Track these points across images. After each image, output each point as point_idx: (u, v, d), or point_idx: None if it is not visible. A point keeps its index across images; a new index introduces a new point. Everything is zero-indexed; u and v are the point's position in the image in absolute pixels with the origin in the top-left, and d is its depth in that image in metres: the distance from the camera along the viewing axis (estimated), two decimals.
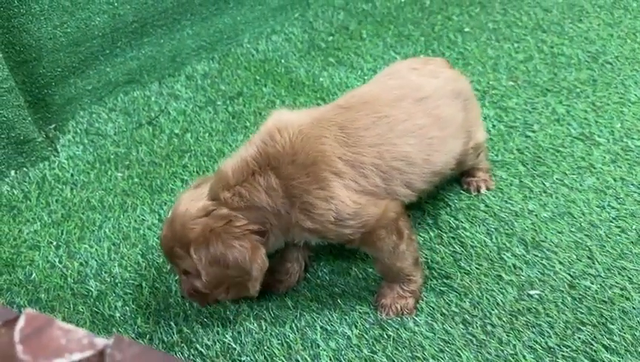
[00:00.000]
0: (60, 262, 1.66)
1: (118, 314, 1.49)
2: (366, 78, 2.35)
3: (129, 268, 1.61)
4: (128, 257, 1.64)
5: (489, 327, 1.32)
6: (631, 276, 1.39)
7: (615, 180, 1.68)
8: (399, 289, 1.36)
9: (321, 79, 2.40)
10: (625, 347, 1.24)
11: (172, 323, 1.43)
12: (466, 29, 2.61)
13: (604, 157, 1.77)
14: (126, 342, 0.57)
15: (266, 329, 1.38)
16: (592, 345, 1.25)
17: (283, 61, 2.56)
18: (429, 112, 1.35)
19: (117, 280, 1.58)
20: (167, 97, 2.36)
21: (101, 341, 0.58)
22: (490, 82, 2.21)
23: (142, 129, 2.19)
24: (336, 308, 1.41)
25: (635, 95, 2.04)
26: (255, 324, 1.40)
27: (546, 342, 1.27)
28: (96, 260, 1.65)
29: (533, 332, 1.28)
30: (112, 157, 2.06)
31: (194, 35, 2.60)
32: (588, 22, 2.53)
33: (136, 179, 1.93)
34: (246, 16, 2.84)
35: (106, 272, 1.61)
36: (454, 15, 2.74)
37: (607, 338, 1.26)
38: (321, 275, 1.50)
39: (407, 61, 1.55)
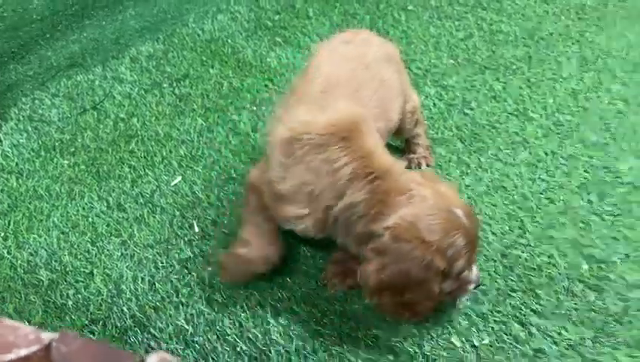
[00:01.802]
0: (9, 253, 1.65)
1: (70, 302, 1.50)
2: None
3: (79, 256, 1.62)
4: (78, 245, 1.64)
5: None
6: (558, 244, 1.50)
7: (546, 154, 1.78)
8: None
9: (268, 59, 2.41)
10: (551, 310, 1.35)
11: (125, 309, 1.46)
12: (410, 7, 2.67)
13: (537, 131, 1.87)
14: (71, 336, 0.61)
15: (218, 310, 1.43)
16: (521, 309, 1.36)
17: (230, 41, 2.56)
18: (374, 76, 1.42)
19: (68, 269, 1.59)
20: (111, 81, 2.33)
21: (47, 335, 0.62)
22: (432, 61, 2.28)
23: (86, 114, 2.16)
24: (285, 287, 1.47)
25: (568, 71, 2.14)
26: (207, 306, 1.44)
27: (480, 309, 1.36)
28: (45, 249, 1.65)
29: (467, 300, 1.38)
30: (57, 144, 2.03)
31: (137, 15, 2.56)
32: None
33: (82, 166, 1.92)
34: None
35: (56, 261, 1.61)
36: None
37: (535, 303, 1.37)
38: None
39: (337, 37, 1.58)
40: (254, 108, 2.12)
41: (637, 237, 1.49)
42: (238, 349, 1.34)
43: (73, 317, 1.47)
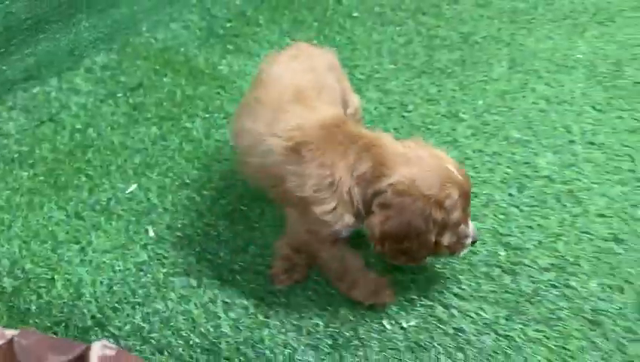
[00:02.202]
0: None
1: (34, 307, 1.60)
2: None
3: (40, 264, 1.71)
4: (39, 253, 1.74)
5: None
6: (480, 234, 1.67)
7: (474, 152, 1.95)
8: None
9: (220, 67, 2.52)
10: (470, 293, 1.52)
11: (85, 311, 1.57)
12: (355, 14, 2.81)
13: (466, 131, 2.04)
14: (30, 331, 0.73)
15: (172, 308, 1.55)
16: (444, 293, 1.52)
17: (182, 49, 2.66)
18: (326, 84, 1.59)
19: (30, 276, 1.68)
20: (67, 92, 2.41)
21: (10, 332, 0.74)
22: (375, 66, 2.43)
23: (44, 126, 2.24)
24: (236, 284, 1.60)
25: (497, 73, 2.32)
26: (162, 304, 1.56)
27: (409, 295, 1.52)
28: (7, 258, 1.74)
29: (398, 288, 1.54)
30: (15, 156, 2.11)
31: (90, 27, 2.63)
32: (463, 3, 2.79)
33: (41, 177, 2.00)
34: (143, 5, 2.90)
35: (18, 269, 1.71)
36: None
37: (457, 287, 1.53)
38: (222, 255, 1.68)
39: (282, 55, 1.67)
40: (207, 115, 2.23)
41: (549, 225, 1.67)
42: (191, 343, 1.47)
43: (37, 320, 1.57)
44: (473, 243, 1.44)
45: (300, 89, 1.48)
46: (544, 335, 1.41)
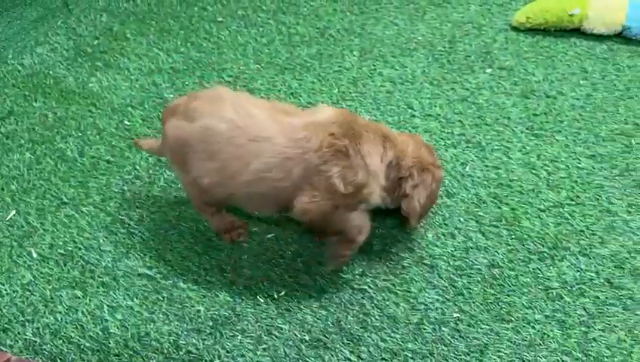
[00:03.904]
0: None
1: None
2: (132, 78, 2.59)
3: None
4: None
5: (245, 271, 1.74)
6: None
7: None
8: None
9: (90, 85, 2.59)
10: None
11: None
12: (220, 19, 2.96)
13: None
14: None
15: (61, 319, 1.65)
16: (308, 263, 1.73)
17: (51, 72, 2.69)
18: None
19: None
20: None
21: None
22: (241, 67, 2.60)
23: None
24: (120, 288, 1.73)
25: (350, 62, 2.57)
26: (51, 318, 1.66)
27: (278, 270, 1.72)
28: None
29: (269, 265, 1.73)
30: None
31: None
32: None
33: None
34: (5, 33, 2.89)
35: None
36: (209, 5, 3.06)
37: (320, 257, 1.75)
38: (104, 264, 1.80)
39: (227, 97, 1.60)
40: (80, 133, 2.30)
41: None
42: (82, 347, 1.58)
43: None
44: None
45: (283, 107, 1.58)
46: (391, 284, 1.66)
